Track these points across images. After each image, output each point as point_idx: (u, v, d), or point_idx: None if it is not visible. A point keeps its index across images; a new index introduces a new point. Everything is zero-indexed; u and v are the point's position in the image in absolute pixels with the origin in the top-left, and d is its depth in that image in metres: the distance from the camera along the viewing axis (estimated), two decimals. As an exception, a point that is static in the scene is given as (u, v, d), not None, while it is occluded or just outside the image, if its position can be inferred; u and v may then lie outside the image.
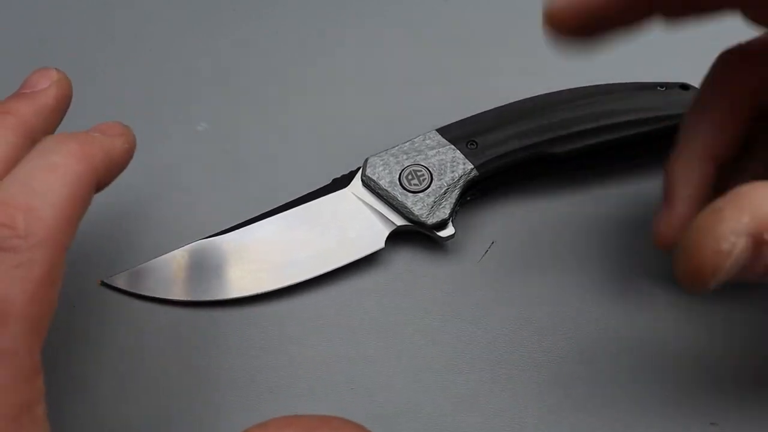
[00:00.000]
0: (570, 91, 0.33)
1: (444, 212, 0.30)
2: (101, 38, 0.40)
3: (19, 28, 0.40)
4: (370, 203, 0.30)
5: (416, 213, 0.29)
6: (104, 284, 0.29)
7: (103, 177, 0.21)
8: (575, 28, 0.22)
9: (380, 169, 0.30)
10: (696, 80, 0.35)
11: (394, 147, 0.31)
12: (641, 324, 0.29)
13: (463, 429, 0.26)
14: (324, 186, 0.31)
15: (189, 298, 0.29)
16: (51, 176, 0.19)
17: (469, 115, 0.32)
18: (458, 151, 0.30)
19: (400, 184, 0.30)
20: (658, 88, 0.33)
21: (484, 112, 0.32)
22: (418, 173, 0.30)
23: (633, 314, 0.29)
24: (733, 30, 0.39)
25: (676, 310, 0.29)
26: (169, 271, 0.29)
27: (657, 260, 0.31)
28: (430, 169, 0.30)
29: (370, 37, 0.40)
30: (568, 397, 0.27)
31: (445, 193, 0.30)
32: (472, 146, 0.31)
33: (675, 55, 0.38)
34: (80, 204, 0.20)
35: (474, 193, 0.32)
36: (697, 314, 0.29)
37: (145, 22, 0.41)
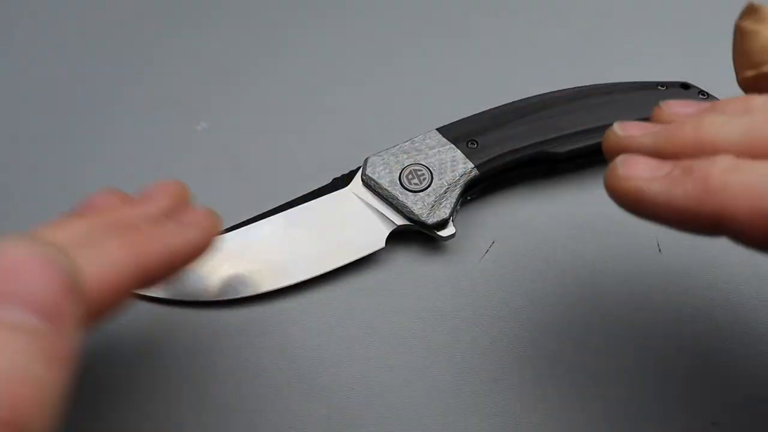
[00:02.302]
0: (570, 90, 0.33)
1: (444, 212, 0.29)
2: (101, 38, 0.40)
3: (19, 28, 0.40)
4: (370, 203, 0.30)
5: (416, 212, 0.29)
6: (104, 284, 0.29)
7: (155, 273, 0.20)
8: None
9: (380, 168, 0.30)
10: (696, 80, 0.35)
11: (394, 146, 0.31)
12: (641, 324, 0.29)
13: (463, 429, 0.26)
14: (324, 186, 0.31)
15: (189, 298, 0.29)
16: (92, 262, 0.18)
17: (469, 115, 0.32)
18: (458, 150, 0.30)
19: (401, 183, 0.30)
20: (658, 87, 0.33)
21: (484, 112, 0.32)
22: (419, 173, 0.30)
23: (633, 314, 0.29)
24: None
25: (675, 309, 0.29)
26: (169, 271, 0.29)
27: (657, 260, 0.31)
28: (431, 168, 0.30)
29: (370, 37, 0.40)
30: (568, 396, 0.27)
31: (445, 192, 0.30)
32: (473, 146, 0.31)
33: (675, 55, 0.39)
34: (112, 294, 0.18)
35: (474, 193, 0.32)
36: (698, 314, 0.29)
37: (145, 22, 0.41)
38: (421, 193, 0.30)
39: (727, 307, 0.29)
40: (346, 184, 0.31)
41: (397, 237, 0.31)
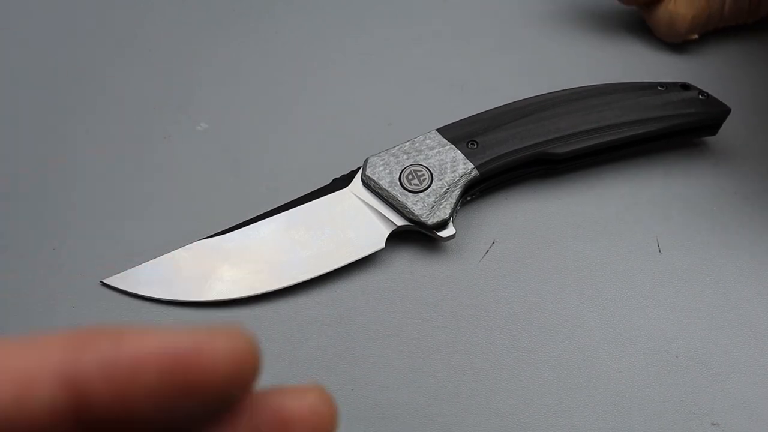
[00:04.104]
0: (570, 91, 0.33)
1: (444, 212, 0.29)
2: (102, 38, 0.40)
3: (19, 28, 0.40)
4: (370, 203, 0.30)
5: (416, 213, 0.29)
6: (104, 284, 0.29)
7: None
8: None
9: (380, 169, 0.30)
10: (696, 80, 0.35)
11: (394, 147, 0.31)
12: (641, 324, 0.29)
13: (463, 429, 0.26)
14: (324, 186, 0.31)
15: (189, 298, 0.29)
16: None
17: (469, 115, 0.32)
18: (458, 151, 0.30)
19: (401, 184, 0.30)
20: (658, 88, 0.33)
21: (484, 112, 0.32)
22: (419, 173, 0.30)
23: (633, 314, 0.29)
24: (734, 33, 0.39)
25: (676, 309, 0.29)
26: (169, 271, 0.29)
27: (657, 260, 0.31)
28: (431, 169, 0.30)
29: (371, 37, 0.40)
30: (568, 397, 0.27)
31: (445, 193, 0.30)
32: (473, 146, 0.31)
33: (675, 55, 0.39)
34: None
35: (474, 193, 0.32)
36: (698, 313, 0.29)
37: (145, 22, 0.41)
38: (421, 194, 0.30)
39: (727, 307, 0.29)
40: (346, 185, 0.31)
41: (397, 237, 0.31)
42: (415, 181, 0.30)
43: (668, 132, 0.32)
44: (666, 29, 0.37)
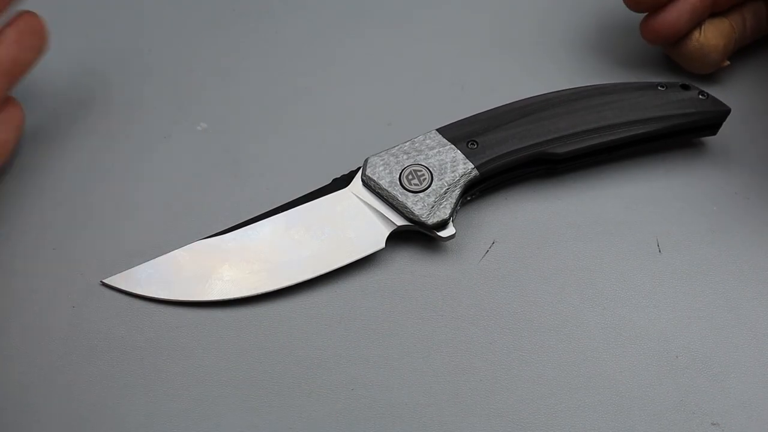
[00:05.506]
0: (570, 91, 0.33)
1: (444, 212, 0.29)
2: (102, 38, 0.40)
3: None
4: (370, 203, 0.30)
5: (417, 213, 0.29)
6: (104, 284, 0.29)
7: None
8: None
9: (380, 169, 0.30)
10: (696, 80, 0.35)
11: (394, 147, 0.31)
12: (641, 324, 0.29)
13: (463, 429, 0.26)
14: (324, 186, 0.31)
15: (189, 298, 0.29)
16: None
17: (469, 115, 0.32)
18: (458, 151, 0.30)
19: (401, 183, 0.30)
20: (659, 88, 0.33)
21: (484, 112, 0.32)
22: (419, 173, 0.30)
23: (633, 314, 0.29)
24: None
25: (676, 309, 0.29)
26: (169, 271, 0.29)
27: (657, 260, 0.31)
28: (431, 168, 0.30)
29: (370, 37, 0.40)
30: (568, 397, 0.27)
31: (445, 193, 0.30)
32: (473, 146, 0.31)
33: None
34: None
35: (474, 193, 0.32)
36: (698, 313, 0.29)
37: (144, 22, 0.41)
38: (421, 194, 0.30)
39: (727, 307, 0.29)
40: (346, 185, 0.31)
41: (397, 237, 0.31)
42: (415, 181, 0.30)
43: (668, 132, 0.32)
44: (699, 62, 0.35)
